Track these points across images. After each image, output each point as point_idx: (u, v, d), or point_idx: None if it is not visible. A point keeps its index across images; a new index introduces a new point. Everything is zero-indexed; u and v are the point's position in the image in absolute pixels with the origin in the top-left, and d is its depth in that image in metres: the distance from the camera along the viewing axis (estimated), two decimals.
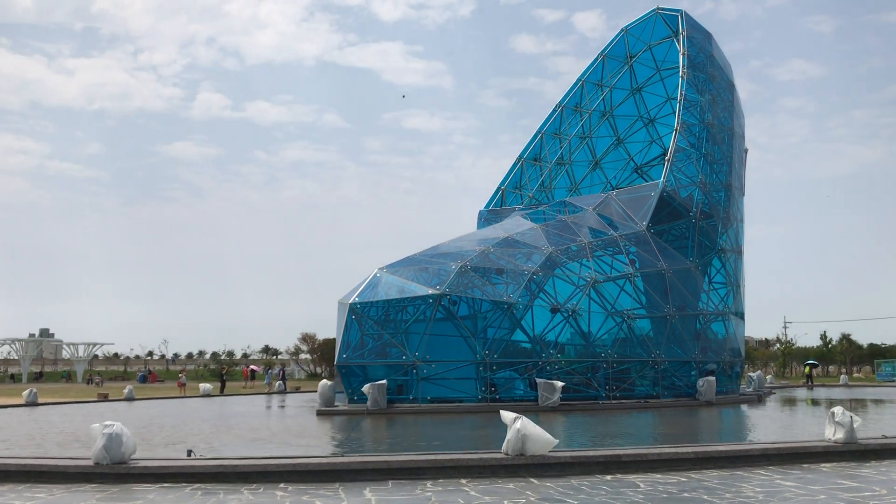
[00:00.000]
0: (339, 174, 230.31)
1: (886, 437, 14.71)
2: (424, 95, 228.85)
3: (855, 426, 13.72)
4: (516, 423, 12.30)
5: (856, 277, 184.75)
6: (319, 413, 25.58)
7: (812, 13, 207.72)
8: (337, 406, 27.11)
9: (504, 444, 12.40)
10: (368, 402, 25.41)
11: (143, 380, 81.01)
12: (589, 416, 24.84)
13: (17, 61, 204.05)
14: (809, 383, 56.36)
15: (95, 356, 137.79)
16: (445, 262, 28.57)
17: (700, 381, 29.70)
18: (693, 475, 11.96)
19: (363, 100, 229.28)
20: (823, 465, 12.94)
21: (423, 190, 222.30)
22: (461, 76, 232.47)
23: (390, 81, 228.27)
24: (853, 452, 13.54)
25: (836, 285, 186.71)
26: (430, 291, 27.04)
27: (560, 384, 26.44)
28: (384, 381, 25.84)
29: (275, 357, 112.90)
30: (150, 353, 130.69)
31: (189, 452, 12.67)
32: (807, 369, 63.96)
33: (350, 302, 27.12)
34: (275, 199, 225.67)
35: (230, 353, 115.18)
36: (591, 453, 12.70)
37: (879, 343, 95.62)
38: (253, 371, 67.08)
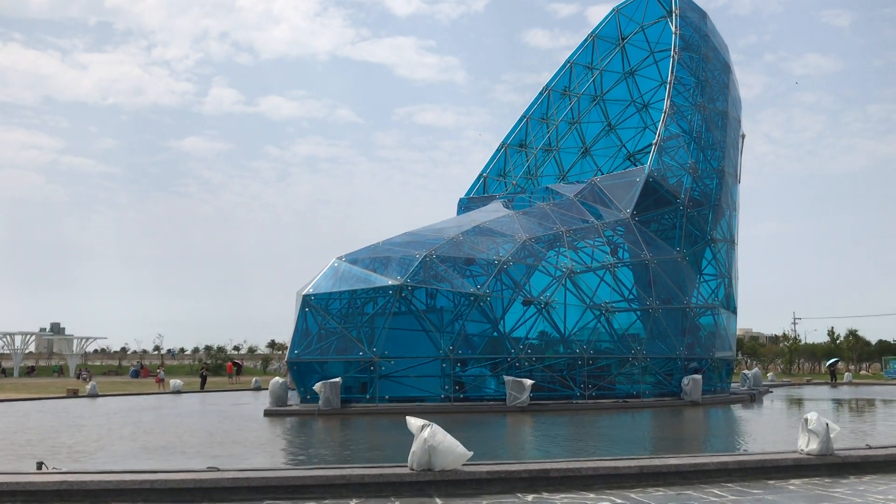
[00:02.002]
0: (352, 169, 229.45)
1: (870, 448, 12.70)
2: (437, 90, 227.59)
3: (832, 435, 11.75)
4: (423, 432, 10.41)
5: (867, 273, 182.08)
6: (267, 413, 23.68)
7: (828, 7, 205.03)
8: (290, 406, 25.22)
9: (409, 456, 10.51)
10: (320, 402, 23.52)
11: (135, 375, 79.83)
12: (559, 417, 22.92)
13: (32, 56, 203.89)
14: (833, 380, 55.23)
15: (103, 350, 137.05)
16: (410, 251, 26.60)
17: (685, 380, 27.67)
18: (633, 495, 10.07)
19: (376, 95, 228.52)
20: (792, 481, 11.04)
21: (434, 185, 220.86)
22: (474, 71, 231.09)
23: (403, 76, 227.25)
24: (829, 466, 11.61)
25: (848, 281, 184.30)
26: (390, 282, 25.08)
27: (529, 382, 24.48)
28: (338, 379, 23.90)
29: (281, 353, 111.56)
30: (157, 348, 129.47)
31: (39, 465, 10.80)
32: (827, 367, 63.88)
33: (304, 293, 25.20)
34: (287, 194, 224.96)
35: (236, 348, 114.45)
36: (514, 467, 10.76)
37: (889, 339, 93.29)
38: (238, 365, 65.27)
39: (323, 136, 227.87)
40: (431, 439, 10.31)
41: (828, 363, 67.33)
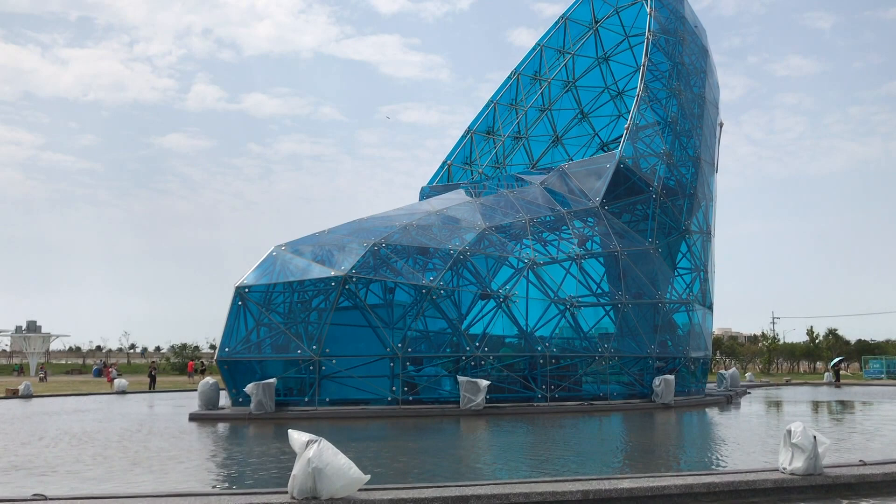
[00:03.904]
0: (335, 167, 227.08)
1: (865, 464, 10.64)
2: (422, 88, 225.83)
3: (820, 450, 9.66)
4: (307, 451, 8.20)
5: (847, 273, 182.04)
6: (194, 418, 21.34)
7: (810, 9, 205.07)
8: (222, 409, 22.91)
9: (289, 481, 8.31)
10: (252, 406, 21.24)
11: (98, 373, 77.02)
12: (516, 422, 20.78)
13: (11, 51, 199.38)
14: (837, 381, 53.21)
15: (78, 348, 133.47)
16: (357, 240, 24.34)
17: (656, 380, 25.65)
18: None
19: (360, 93, 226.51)
20: None
21: (419, 183, 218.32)
22: (459, 69, 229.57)
23: (388, 74, 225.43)
24: (816, 488, 9.55)
25: (827, 280, 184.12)
26: (333, 273, 22.80)
27: (485, 383, 22.34)
28: (272, 380, 21.60)
29: None
30: (133, 346, 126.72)
31: None
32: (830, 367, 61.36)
33: (237, 285, 22.87)
34: (269, 192, 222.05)
35: (212, 346, 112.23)
36: (425, 493, 8.58)
37: (868, 339, 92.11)
38: (203, 365, 62.58)
39: (306, 133, 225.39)
40: (317, 459, 8.12)
41: (832, 362, 64.10)
